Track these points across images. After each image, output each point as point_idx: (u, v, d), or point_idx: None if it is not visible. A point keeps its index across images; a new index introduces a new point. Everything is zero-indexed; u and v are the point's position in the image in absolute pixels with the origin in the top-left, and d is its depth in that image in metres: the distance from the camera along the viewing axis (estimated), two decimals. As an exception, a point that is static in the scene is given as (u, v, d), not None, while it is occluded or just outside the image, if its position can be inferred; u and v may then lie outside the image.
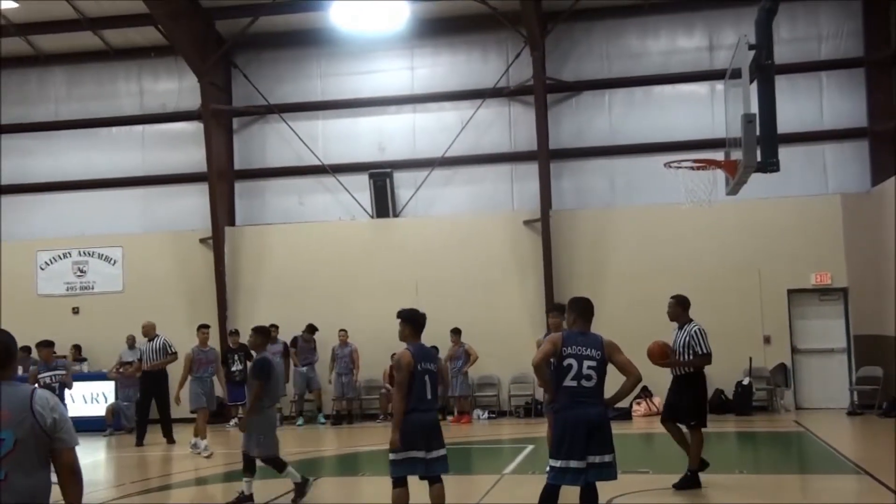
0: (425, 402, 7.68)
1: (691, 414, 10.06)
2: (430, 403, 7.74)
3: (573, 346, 7.28)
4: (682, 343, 10.07)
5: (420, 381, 7.64)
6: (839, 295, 17.73)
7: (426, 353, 7.81)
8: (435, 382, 7.77)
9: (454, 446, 14.93)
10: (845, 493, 10.16)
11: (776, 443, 14.76)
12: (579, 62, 19.11)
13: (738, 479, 10.83)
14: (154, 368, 15.84)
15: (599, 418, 7.22)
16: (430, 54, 19.78)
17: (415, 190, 19.42)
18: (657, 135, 18.48)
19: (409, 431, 7.60)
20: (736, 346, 17.22)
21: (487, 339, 18.11)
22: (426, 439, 7.64)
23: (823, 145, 18.20)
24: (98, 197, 20.67)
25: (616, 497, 9.03)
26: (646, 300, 16.07)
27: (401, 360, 7.66)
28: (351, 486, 11.51)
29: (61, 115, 20.95)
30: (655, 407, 16.62)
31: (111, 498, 10.83)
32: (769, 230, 17.70)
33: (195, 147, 19.82)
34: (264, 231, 19.89)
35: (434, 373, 7.78)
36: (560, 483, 7.24)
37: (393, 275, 18.85)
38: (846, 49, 18.14)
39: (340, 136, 19.97)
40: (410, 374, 7.56)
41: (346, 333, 18.30)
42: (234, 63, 20.21)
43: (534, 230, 18.53)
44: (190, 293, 19.63)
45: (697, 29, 18.87)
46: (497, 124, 19.34)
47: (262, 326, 10.63)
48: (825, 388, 17.65)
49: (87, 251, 20.32)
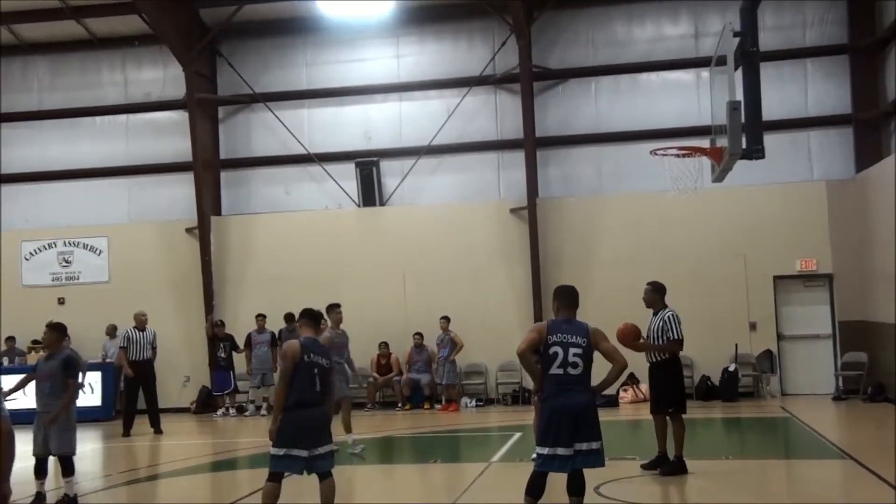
0: (312, 396, 7.52)
1: (670, 401, 10.09)
2: (318, 398, 7.57)
3: (558, 335, 7.30)
4: (656, 328, 10.10)
5: (307, 373, 7.51)
6: (824, 281, 17.82)
7: (317, 347, 7.69)
8: (326, 377, 7.65)
9: (442, 434, 15.04)
10: (830, 478, 10.24)
11: (762, 428, 14.86)
12: (565, 50, 19.09)
13: (724, 465, 10.89)
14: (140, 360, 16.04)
15: (586, 406, 7.25)
16: (416, 42, 19.71)
17: (401, 178, 19.39)
18: (643, 122, 18.49)
19: (291, 428, 7.45)
20: (722, 333, 17.34)
21: (474, 327, 18.16)
22: (310, 437, 7.47)
23: (808, 132, 18.24)
24: (83, 187, 20.55)
25: (603, 483, 9.07)
26: (632, 287, 15.88)
27: (286, 350, 7.58)
28: (339, 476, 11.50)
29: (45, 104, 20.79)
30: (642, 394, 16.68)
31: (98, 488, 10.82)
32: (755, 217, 17.77)
33: (180, 136, 19.71)
34: (250, 220, 19.83)
35: (325, 367, 7.64)
36: (547, 470, 7.27)
37: (380, 264, 18.85)
38: (831, 36, 18.17)
39: (326, 124, 19.90)
40: (295, 366, 7.46)
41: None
42: (219, 52, 20.10)
43: (520, 218, 18.54)
44: (176, 283, 19.57)
45: (683, 16, 18.87)
46: (483, 112, 19.31)
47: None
48: (811, 374, 17.76)
49: (73, 241, 20.22)
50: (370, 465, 11.97)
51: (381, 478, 11.57)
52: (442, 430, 15.46)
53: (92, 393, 18.44)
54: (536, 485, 7.32)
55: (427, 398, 18.20)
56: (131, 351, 16.14)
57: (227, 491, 10.67)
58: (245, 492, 9.93)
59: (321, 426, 7.59)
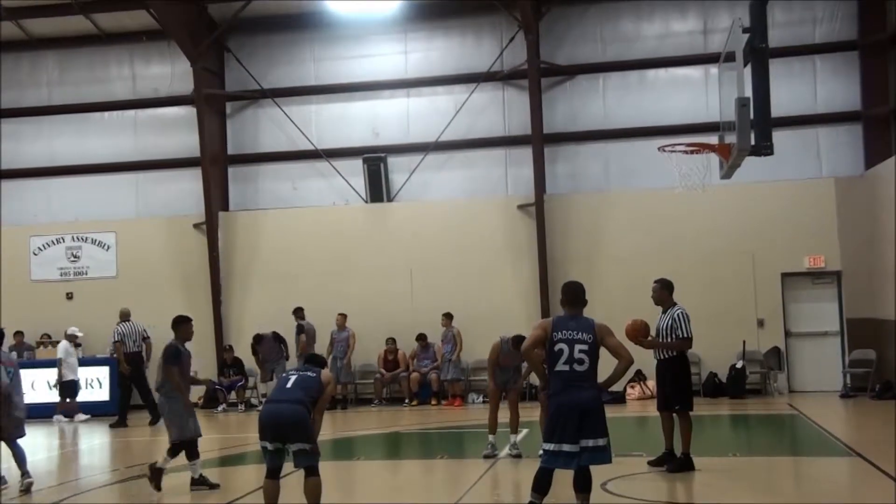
0: (282, 392, 7.84)
1: (676, 398, 10.07)
2: (286, 394, 7.81)
3: (564, 331, 7.28)
4: (665, 326, 10.07)
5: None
6: (832, 278, 17.76)
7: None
8: (299, 379, 7.90)
9: (448, 430, 15.04)
10: (838, 476, 10.21)
11: (769, 425, 14.82)
12: (573, 46, 19.05)
13: (731, 462, 10.86)
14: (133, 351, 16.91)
15: (592, 402, 7.23)
16: (424, 38, 19.70)
17: (409, 174, 19.38)
18: (651, 119, 18.45)
19: (260, 421, 7.80)
20: (730, 330, 17.31)
21: (481, 323, 18.09)
22: (274, 432, 7.65)
23: (817, 129, 18.18)
24: (91, 182, 20.61)
25: (610, 480, 9.06)
26: (640, 284, 15.87)
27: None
28: (346, 471, 11.53)
29: (54, 99, 20.86)
30: (649, 390, 16.66)
31: (102, 483, 10.85)
32: (763, 214, 17.72)
33: (188, 132, 19.75)
34: (258, 216, 19.85)
35: (302, 371, 8.03)
36: (553, 466, 7.27)
37: (387, 260, 18.86)
38: (840, 32, 18.09)
39: (334, 120, 19.90)
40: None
41: (344, 318, 18.30)
42: (227, 47, 20.11)
43: (528, 214, 18.52)
44: (183, 278, 19.62)
45: (692, 12, 18.82)
46: (491, 108, 19.28)
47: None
48: (818, 371, 17.72)
49: (81, 236, 20.28)
50: (378, 461, 11.98)
51: (387, 473, 11.57)
52: (448, 425, 15.45)
53: (101, 388, 18.57)
54: (543, 481, 7.31)
55: (435, 394, 18.20)
56: (127, 344, 16.83)
57: (231, 487, 10.67)
58: (252, 487, 9.94)
59: (288, 422, 7.67)
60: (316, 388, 7.91)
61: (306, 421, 7.71)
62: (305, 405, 7.76)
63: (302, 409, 7.71)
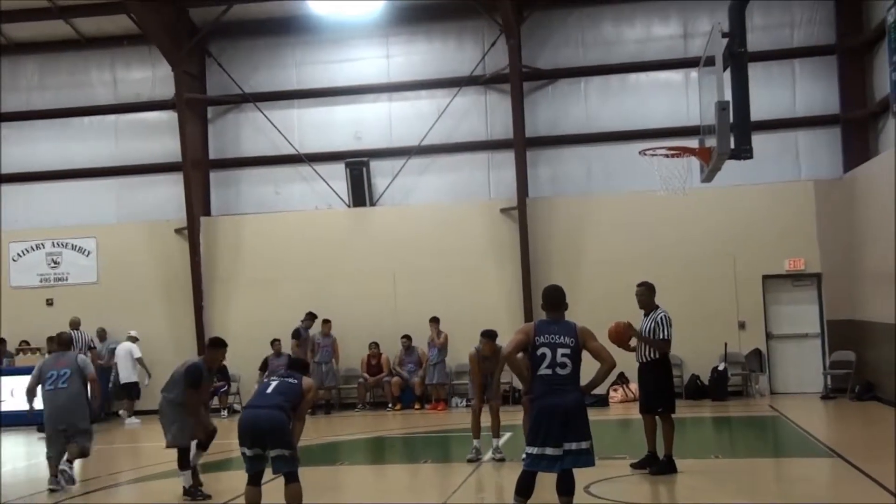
0: (262, 398, 7.88)
1: (658, 401, 10.11)
2: (266, 399, 7.84)
3: (546, 335, 7.30)
4: (648, 329, 10.12)
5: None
6: (813, 280, 17.89)
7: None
8: (280, 385, 7.95)
9: (432, 434, 15.04)
10: (819, 476, 10.29)
11: (751, 427, 14.90)
12: (555, 50, 19.11)
13: (713, 464, 10.92)
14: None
15: (575, 406, 7.25)
16: (406, 42, 19.71)
17: (391, 178, 19.38)
18: (633, 122, 18.53)
19: (239, 427, 7.82)
20: (711, 332, 17.40)
21: (465, 326, 18.01)
22: (253, 438, 7.69)
23: (796, 132, 18.31)
24: (71, 187, 20.48)
25: (593, 483, 9.09)
26: (622, 287, 15.96)
27: None
28: (331, 476, 11.51)
29: (33, 104, 20.71)
30: (632, 393, 16.72)
31: (87, 490, 10.79)
32: (743, 217, 17.83)
33: (170, 136, 19.67)
34: (240, 221, 19.79)
35: (284, 377, 8.09)
36: (536, 469, 7.28)
37: (370, 264, 18.84)
38: (819, 36, 18.23)
39: (316, 124, 19.88)
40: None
41: (330, 325, 18.26)
42: (209, 51, 20.06)
43: (511, 218, 18.56)
44: (165, 284, 19.53)
45: (672, 17, 18.91)
46: (473, 112, 19.32)
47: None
48: (799, 373, 17.83)
49: (61, 242, 20.15)
50: (362, 466, 11.96)
51: (372, 478, 11.56)
52: (432, 430, 15.45)
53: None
54: (526, 484, 7.32)
55: (418, 398, 18.19)
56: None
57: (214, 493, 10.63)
58: (235, 493, 9.91)
59: (265, 428, 7.68)
60: (296, 394, 7.91)
61: (285, 427, 7.70)
62: (285, 411, 7.75)
63: (281, 414, 7.71)
